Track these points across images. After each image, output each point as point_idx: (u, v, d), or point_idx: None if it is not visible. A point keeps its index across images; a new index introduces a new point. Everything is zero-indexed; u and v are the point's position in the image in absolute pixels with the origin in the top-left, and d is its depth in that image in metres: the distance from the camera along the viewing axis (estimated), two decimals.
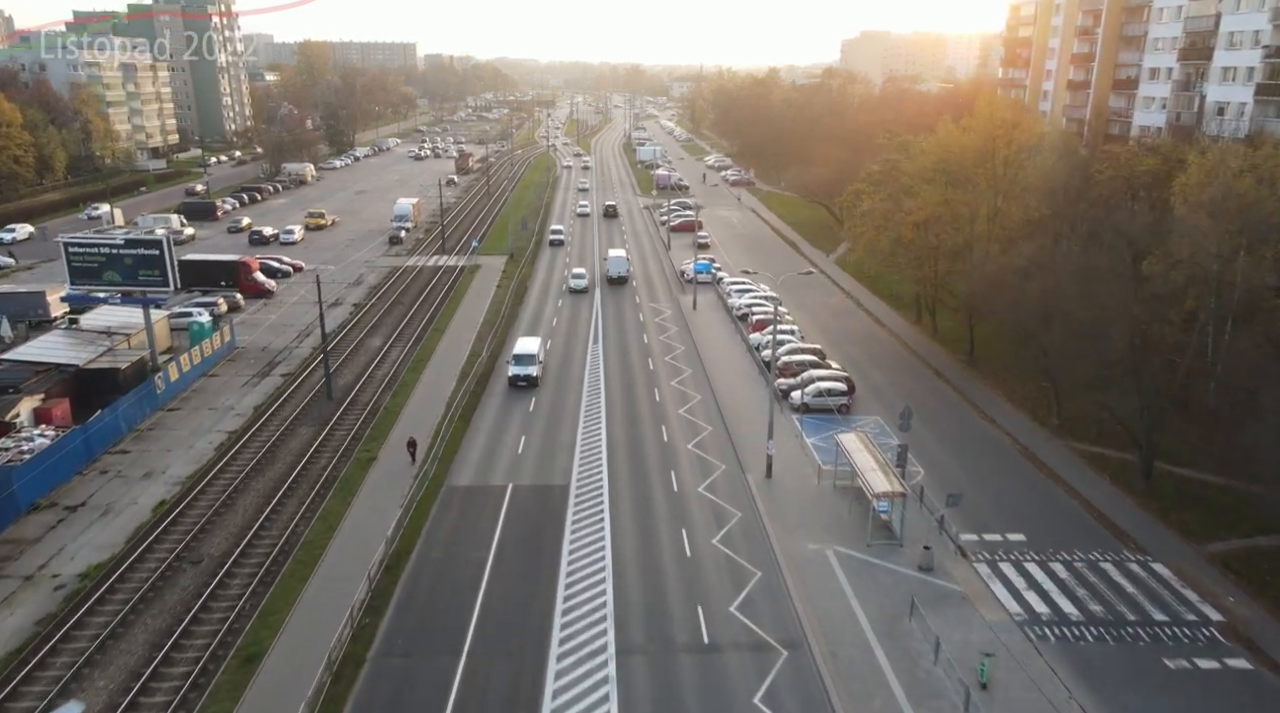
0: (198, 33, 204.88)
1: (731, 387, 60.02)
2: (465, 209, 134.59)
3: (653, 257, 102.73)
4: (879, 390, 59.61)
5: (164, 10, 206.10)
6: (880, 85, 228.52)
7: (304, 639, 32.47)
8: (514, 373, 59.12)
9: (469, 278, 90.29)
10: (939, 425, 53.49)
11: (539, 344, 62.13)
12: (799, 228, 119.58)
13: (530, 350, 60.46)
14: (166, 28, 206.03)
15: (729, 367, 64.23)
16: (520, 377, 58.90)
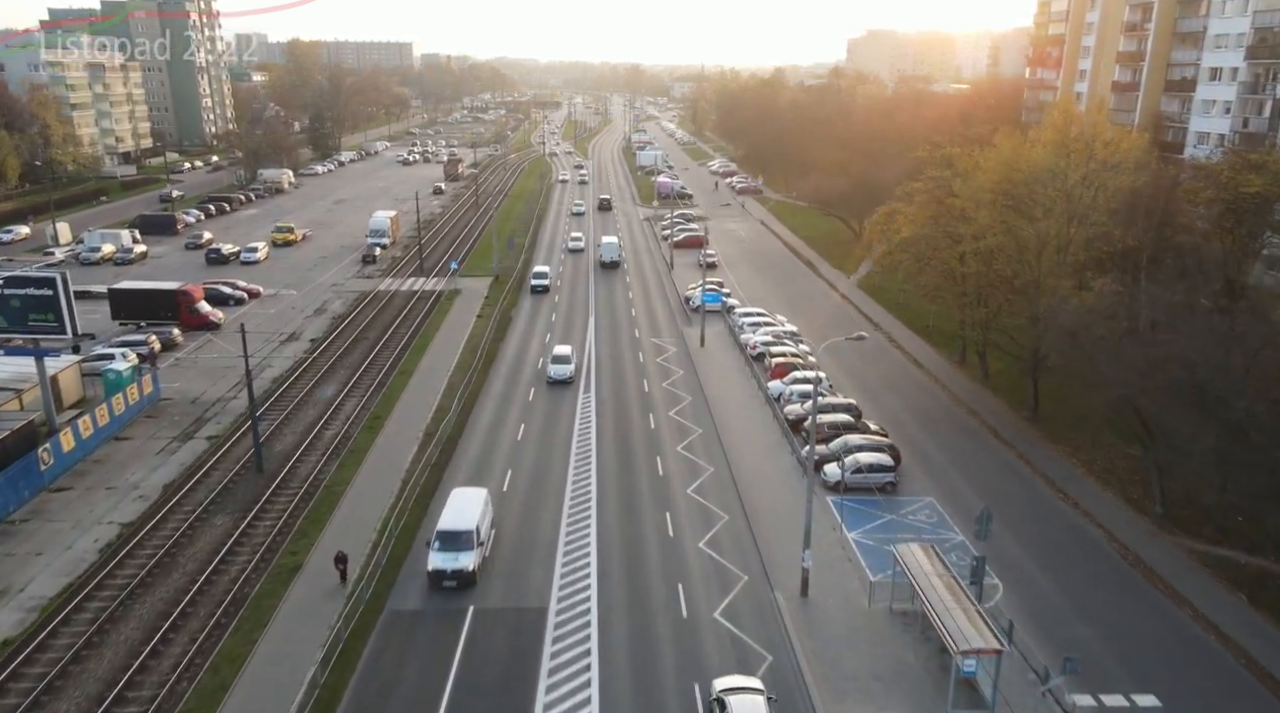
0: (175, 32, 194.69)
1: (749, 452, 49.63)
2: (450, 222, 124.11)
3: (654, 279, 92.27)
4: (928, 459, 49.19)
5: (138, 8, 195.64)
6: (892, 86, 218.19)
7: None
8: (436, 568, 35.97)
9: (446, 307, 79.85)
10: (1010, 511, 43.04)
11: (482, 508, 38.59)
12: (814, 243, 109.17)
13: (466, 525, 37.03)
14: (142, 26, 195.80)
15: (745, 424, 53.80)
16: (448, 573, 35.93)
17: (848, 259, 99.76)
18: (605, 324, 75.10)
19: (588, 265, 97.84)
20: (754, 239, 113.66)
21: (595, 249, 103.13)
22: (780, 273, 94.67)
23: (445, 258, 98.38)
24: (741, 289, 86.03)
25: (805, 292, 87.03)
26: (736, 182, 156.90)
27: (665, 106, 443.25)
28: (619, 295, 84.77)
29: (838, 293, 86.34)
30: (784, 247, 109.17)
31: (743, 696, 27.95)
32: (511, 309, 79.63)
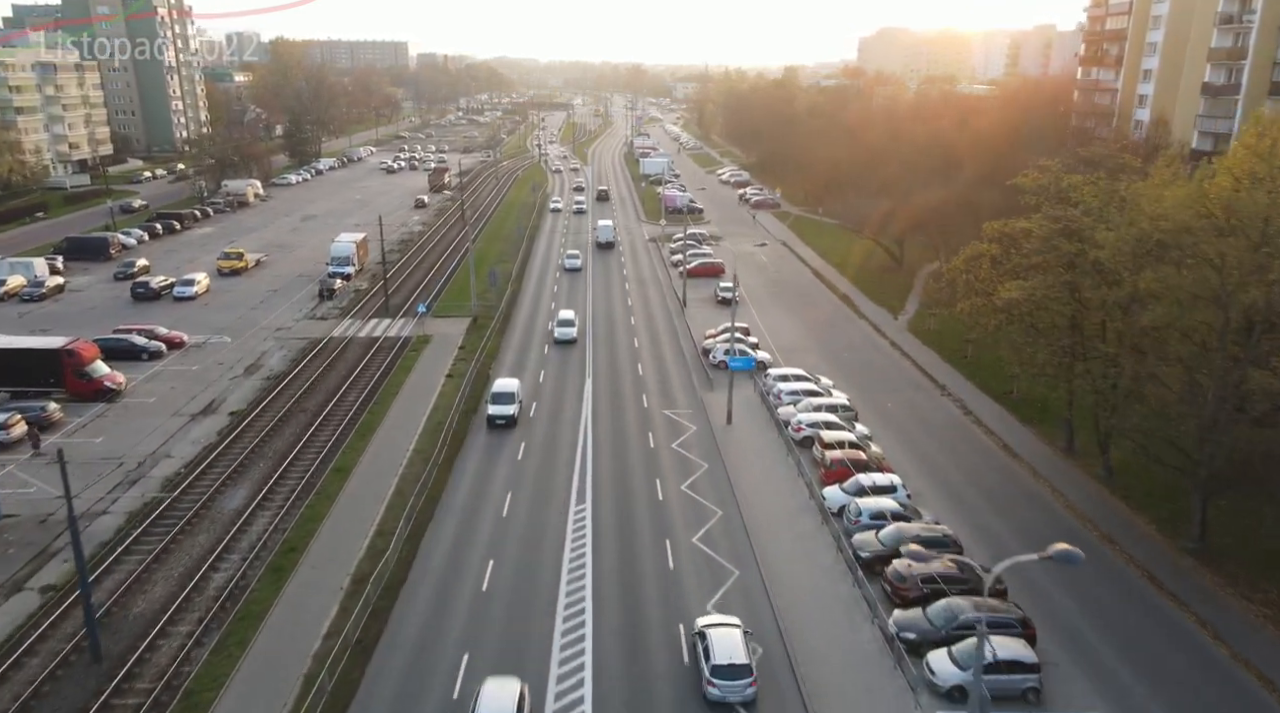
0: (141, 29, 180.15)
1: (809, 614, 34.76)
2: (428, 243, 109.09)
3: (664, 320, 77.32)
4: (1072, 632, 34.19)
5: (101, 3, 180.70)
6: (913, 87, 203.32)
7: None
8: None
9: (411, 360, 64.96)
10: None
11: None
12: (847, 270, 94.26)
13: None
14: (104, 21, 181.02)
15: (798, 561, 38.86)
16: None
17: (889, 292, 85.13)
18: (605, 386, 60.21)
19: (583, 322, 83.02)
20: (777, 264, 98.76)
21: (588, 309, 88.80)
22: (813, 311, 79.75)
23: (415, 294, 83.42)
24: (769, 335, 71.16)
25: (845, 337, 72.14)
26: (751, 193, 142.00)
27: (668, 108, 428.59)
28: (622, 343, 69.91)
29: (885, 339, 71.42)
30: (812, 275, 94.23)
31: (721, 629, 31.07)
32: (492, 363, 64.76)
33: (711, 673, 29.70)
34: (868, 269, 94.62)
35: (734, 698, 29.62)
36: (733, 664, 29.65)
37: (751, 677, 29.67)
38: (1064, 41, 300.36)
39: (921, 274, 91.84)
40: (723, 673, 29.57)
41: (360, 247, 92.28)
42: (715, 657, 29.92)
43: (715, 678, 29.59)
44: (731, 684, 29.49)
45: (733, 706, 29.70)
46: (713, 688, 29.59)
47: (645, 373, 63.04)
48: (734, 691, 29.50)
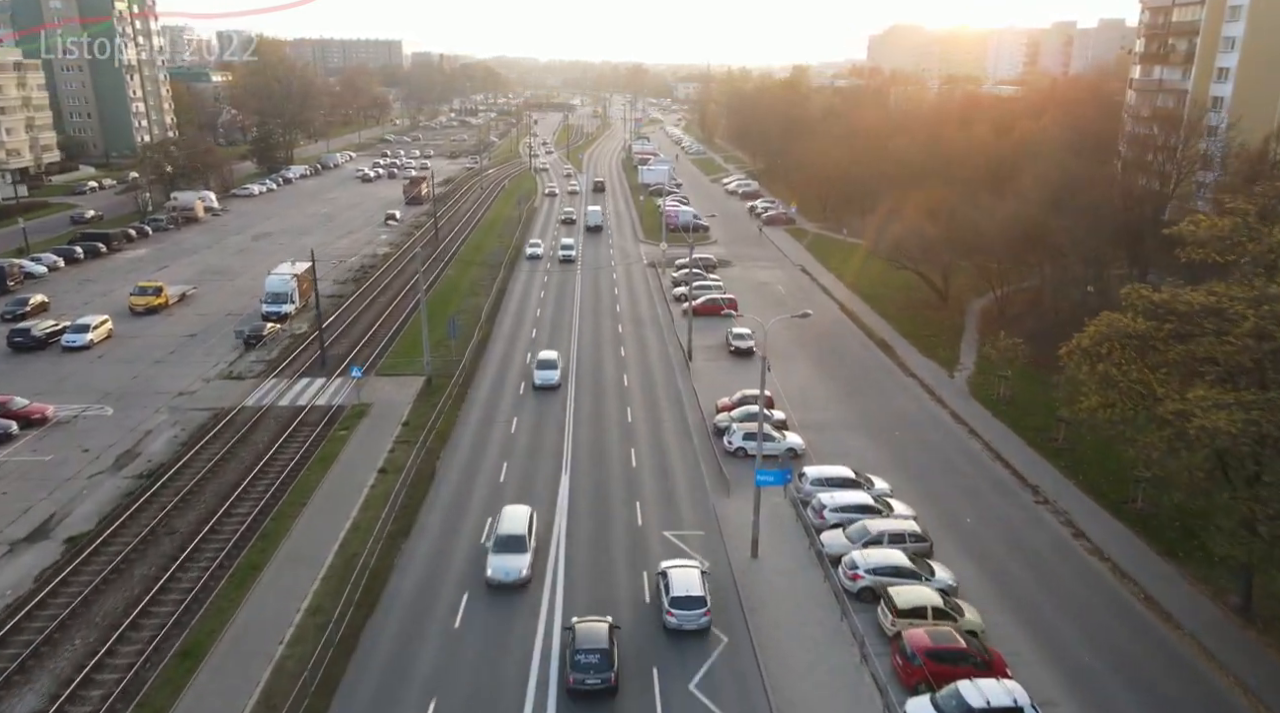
0: (104, 34, 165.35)
1: None
2: (389, 273, 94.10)
3: (664, 378, 62.25)
4: None
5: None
6: (932, 87, 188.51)
7: None
8: None
9: (336, 447, 49.93)
10: None
11: None
12: (880, 305, 79.43)
13: None
14: (57, 17, 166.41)
15: None
16: None
17: (936, 336, 70.35)
18: (586, 489, 45.32)
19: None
20: (797, 297, 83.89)
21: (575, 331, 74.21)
22: (847, 364, 64.84)
23: (362, 342, 68.58)
24: (797, 401, 56.28)
25: (893, 404, 57.23)
26: (762, 206, 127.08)
27: (669, 108, 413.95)
28: (611, 415, 54.98)
29: (944, 409, 56.50)
30: (840, 311, 79.38)
31: (680, 569, 34.50)
32: (441, 451, 49.85)
33: (670, 604, 32.81)
34: (905, 304, 79.81)
35: (689, 626, 32.86)
36: (689, 596, 32.86)
37: (705, 608, 32.93)
38: (1085, 39, 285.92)
39: (971, 313, 77.07)
40: (681, 604, 32.72)
41: (303, 279, 77.42)
42: (674, 590, 33.13)
43: (673, 608, 32.74)
44: (687, 614, 32.72)
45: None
46: (670, 617, 32.77)
47: (640, 465, 48.09)
48: (689, 619, 32.76)
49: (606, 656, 29.89)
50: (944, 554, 38.69)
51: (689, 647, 32.83)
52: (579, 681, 29.60)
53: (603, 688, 29.65)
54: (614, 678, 29.75)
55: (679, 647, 32.80)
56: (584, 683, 29.61)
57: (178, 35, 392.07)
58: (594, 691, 29.65)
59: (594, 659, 29.70)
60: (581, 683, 29.61)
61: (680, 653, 32.50)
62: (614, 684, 29.79)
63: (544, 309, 78.87)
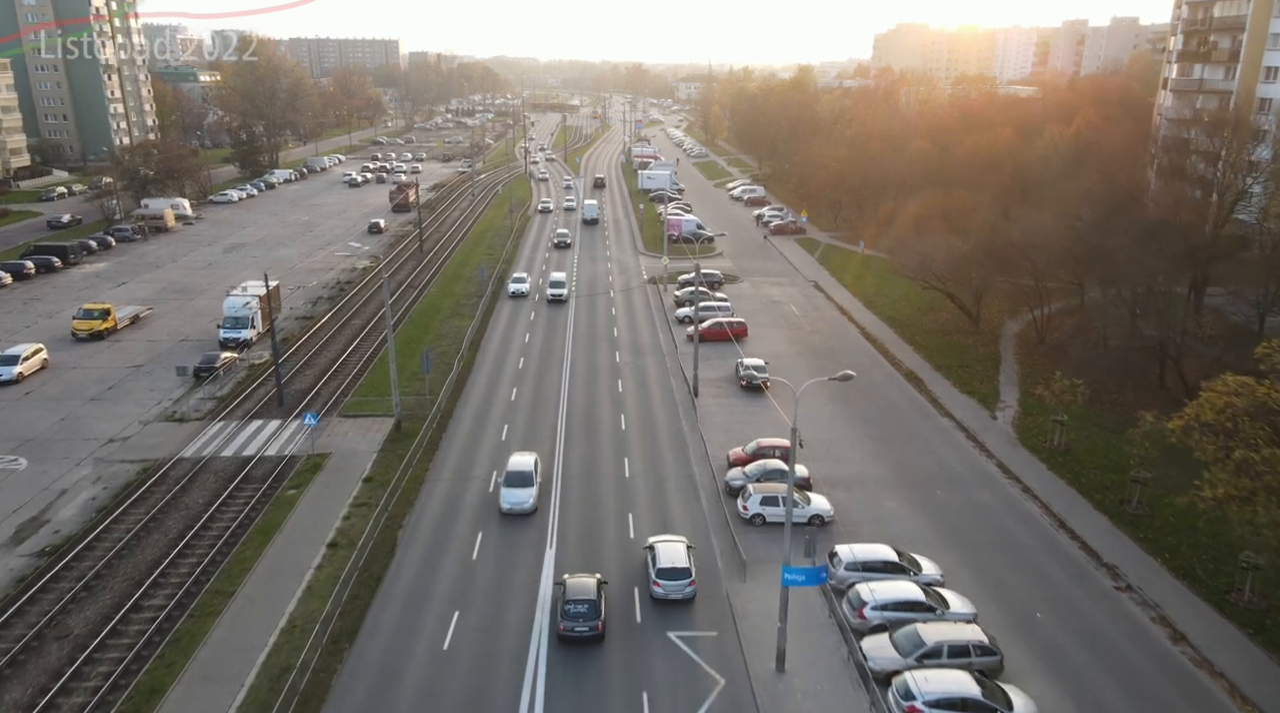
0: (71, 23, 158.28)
1: None
2: (367, 291, 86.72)
3: (667, 416, 54.65)
4: None
5: None
6: (944, 88, 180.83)
7: None
8: None
9: (281, 513, 42.37)
10: None
11: None
12: (905, 329, 71.90)
13: None
14: (30, 16, 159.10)
15: None
16: None
17: (970, 367, 62.98)
18: (575, 562, 37.82)
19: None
20: (811, 317, 76.40)
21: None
22: (875, 403, 57.21)
23: (327, 376, 61.05)
24: (820, 448, 48.75)
25: (931, 454, 49.62)
26: (769, 214, 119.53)
27: (670, 109, 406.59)
28: (606, 468, 47.49)
29: (990, 459, 48.92)
30: (860, 335, 71.84)
31: (667, 544, 35.94)
32: (406, 516, 42.35)
33: (657, 575, 34.47)
34: (932, 328, 72.34)
35: (675, 595, 34.38)
36: (675, 568, 34.44)
37: (690, 578, 34.43)
38: (1097, 38, 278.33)
39: (1006, 338, 69.56)
40: (667, 575, 34.32)
41: (267, 301, 69.88)
42: (660, 563, 34.78)
43: (660, 579, 34.35)
44: (673, 584, 34.26)
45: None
46: (657, 588, 34.36)
47: (640, 536, 40.51)
48: (675, 589, 34.29)
49: (594, 606, 32.23)
50: (1016, 669, 31.21)
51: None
52: (569, 628, 31.98)
53: (590, 635, 31.99)
54: (601, 626, 32.10)
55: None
56: (574, 630, 32.00)
57: (170, 35, 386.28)
58: (582, 637, 31.95)
59: (583, 609, 32.02)
60: (571, 630, 31.97)
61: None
62: (601, 632, 32.15)
63: (533, 334, 71.35)
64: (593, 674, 31.21)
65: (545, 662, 31.79)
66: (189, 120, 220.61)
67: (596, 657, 32.08)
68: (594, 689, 30.52)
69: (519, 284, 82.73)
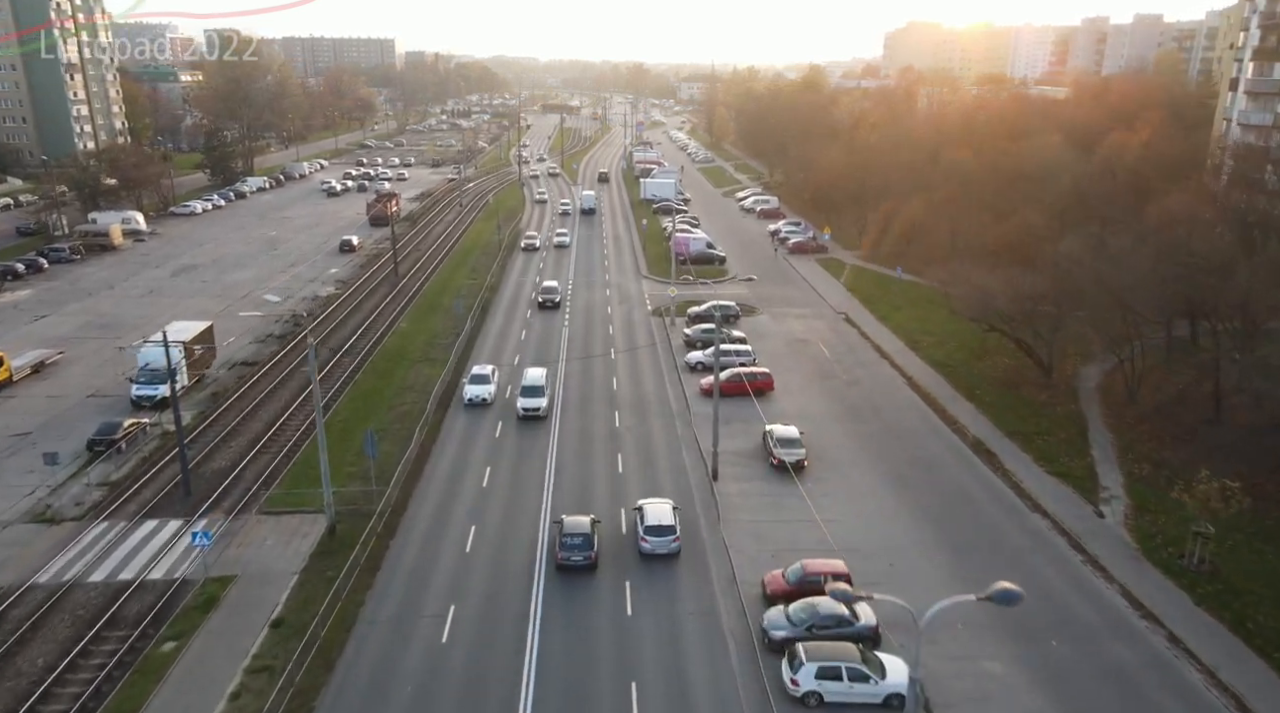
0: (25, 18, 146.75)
1: None
2: (327, 325, 74.90)
3: (685, 552, 42.62)
4: None
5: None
6: (969, 89, 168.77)
7: None
8: None
9: (143, 687, 30.43)
10: None
11: None
12: (963, 381, 59.85)
13: None
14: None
15: None
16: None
17: (1051, 434, 51.12)
18: None
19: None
20: (846, 361, 64.45)
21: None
22: (940, 489, 45.16)
23: (251, 453, 49.02)
24: (880, 571, 36.66)
25: (1029, 578, 37.20)
26: (786, 229, 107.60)
27: (672, 110, 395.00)
28: (602, 606, 35.54)
29: (1114, 586, 36.77)
30: (905, 384, 59.87)
31: (654, 505, 39.34)
32: (325, 685, 30.44)
33: (645, 533, 37.66)
34: (993, 377, 60.43)
35: (661, 550, 37.50)
36: (660, 525, 37.66)
37: (675, 535, 37.69)
38: (1119, 36, 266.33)
39: (1086, 392, 57.72)
40: (653, 531, 37.51)
41: (193, 346, 58.02)
42: (648, 521, 38.06)
43: (647, 536, 37.56)
44: (659, 540, 37.42)
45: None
46: (645, 544, 37.56)
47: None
48: (662, 545, 37.41)
49: (588, 539, 36.67)
50: None
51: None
52: (565, 558, 36.40)
53: (584, 564, 36.28)
54: (594, 557, 36.35)
55: None
56: (570, 560, 36.36)
57: (161, 33, 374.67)
58: (577, 566, 36.29)
59: (577, 542, 36.46)
60: (568, 560, 36.32)
61: None
62: (593, 562, 36.38)
63: (511, 416, 59.18)
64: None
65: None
66: (165, 123, 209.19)
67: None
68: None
69: (478, 386, 55.40)
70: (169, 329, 58.79)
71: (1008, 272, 60.29)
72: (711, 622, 34.21)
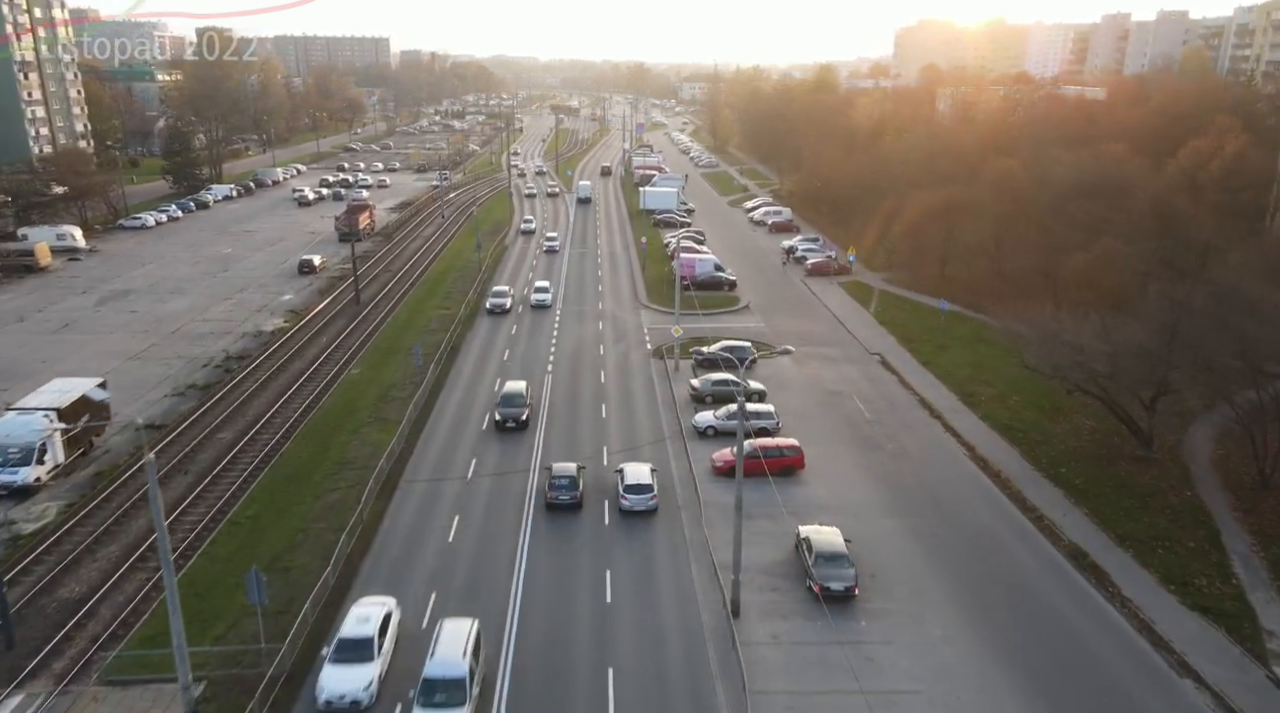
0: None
1: None
2: (257, 375, 63.03)
3: (684, 689, 30.89)
4: None
5: None
6: (994, 90, 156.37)
7: None
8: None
9: None
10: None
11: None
12: (1036, 451, 48.03)
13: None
14: None
15: None
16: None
17: (1173, 544, 38.91)
18: None
19: None
20: (889, 422, 52.54)
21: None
22: (1040, 629, 33.22)
23: (118, 573, 37.04)
24: None
25: None
26: (803, 248, 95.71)
27: (674, 111, 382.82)
28: None
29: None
30: (971, 461, 47.95)
31: (634, 465, 42.86)
32: None
33: (624, 490, 40.72)
34: (1076, 450, 48.54)
35: (640, 507, 40.56)
36: (639, 484, 41.00)
37: (653, 493, 41.03)
38: (1142, 33, 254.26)
39: (1201, 471, 45.93)
40: (632, 490, 40.66)
41: (80, 410, 46.23)
42: (627, 479, 41.25)
43: (627, 494, 40.58)
44: (638, 497, 40.63)
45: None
46: (624, 500, 40.52)
47: None
48: (640, 502, 40.56)
49: (574, 481, 41.10)
50: None
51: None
52: (554, 497, 40.82)
53: (570, 503, 40.81)
54: (579, 497, 40.86)
55: None
56: (558, 499, 40.75)
57: (146, 32, 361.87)
58: (565, 504, 40.81)
59: (564, 483, 40.93)
60: (556, 499, 40.71)
61: None
62: (579, 502, 40.93)
63: (474, 501, 46.57)
64: None
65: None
66: (137, 125, 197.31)
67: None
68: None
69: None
70: (46, 390, 47.16)
71: (1089, 315, 48.51)
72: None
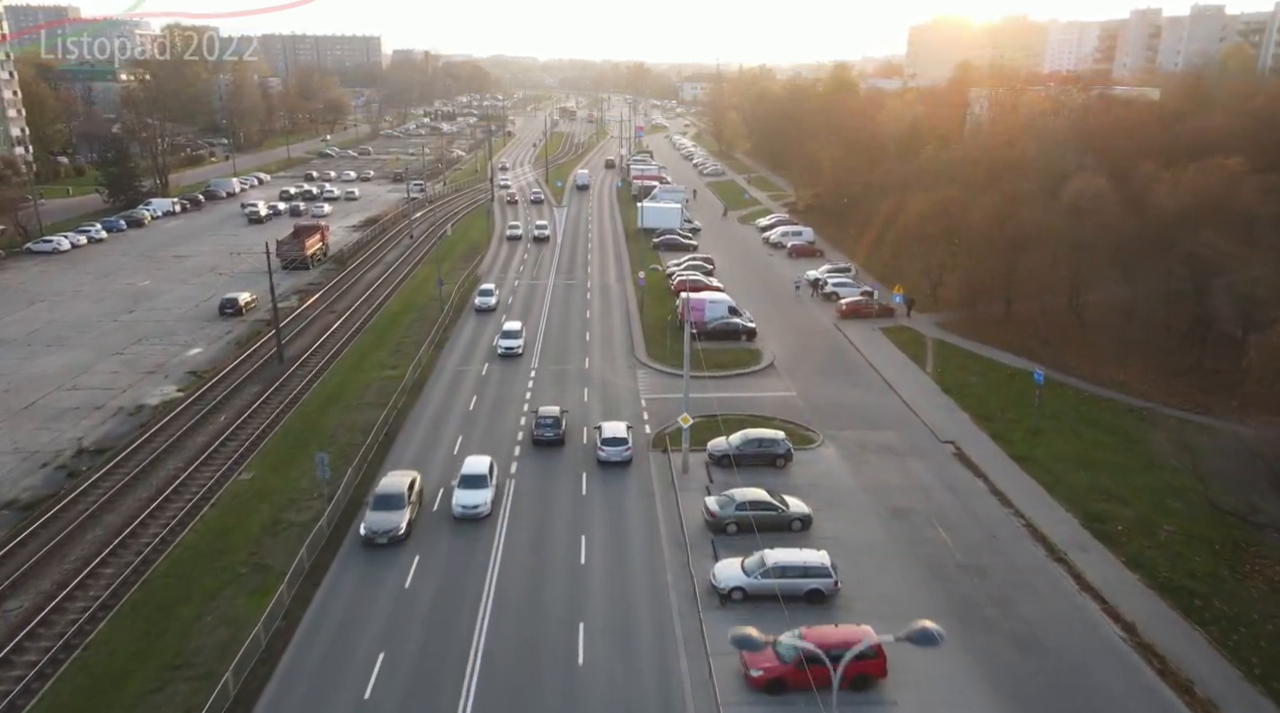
0: None
1: None
2: (125, 466, 46.81)
3: None
4: None
5: None
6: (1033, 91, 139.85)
7: None
8: None
9: None
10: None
11: None
12: (1218, 620, 31.90)
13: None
14: None
15: None
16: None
17: None
18: None
19: None
20: (985, 565, 36.38)
21: None
22: None
23: None
24: None
25: None
26: (833, 283, 79.62)
27: (674, 112, 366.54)
28: None
29: None
30: (1124, 641, 31.91)
31: (610, 422, 47.03)
32: None
33: (602, 443, 44.76)
34: (1240, 591, 32.55)
35: (616, 459, 44.39)
36: (615, 437, 44.87)
37: (628, 445, 44.86)
38: (1175, 29, 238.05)
39: None
40: (609, 443, 44.63)
41: None
42: (604, 434, 45.20)
43: (604, 446, 44.61)
44: (614, 450, 44.53)
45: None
46: (601, 453, 44.56)
47: None
48: (616, 454, 44.46)
49: (558, 421, 46.85)
50: None
51: None
52: (540, 435, 46.33)
53: (554, 439, 46.41)
54: (561, 435, 46.48)
55: None
56: (544, 435, 46.28)
57: (128, 31, 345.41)
58: (549, 441, 46.35)
59: (549, 422, 46.59)
60: (542, 436, 46.22)
61: None
62: (561, 439, 46.55)
63: (414, 622, 31.21)
64: None
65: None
66: (90, 129, 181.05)
67: None
68: None
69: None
70: None
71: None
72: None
